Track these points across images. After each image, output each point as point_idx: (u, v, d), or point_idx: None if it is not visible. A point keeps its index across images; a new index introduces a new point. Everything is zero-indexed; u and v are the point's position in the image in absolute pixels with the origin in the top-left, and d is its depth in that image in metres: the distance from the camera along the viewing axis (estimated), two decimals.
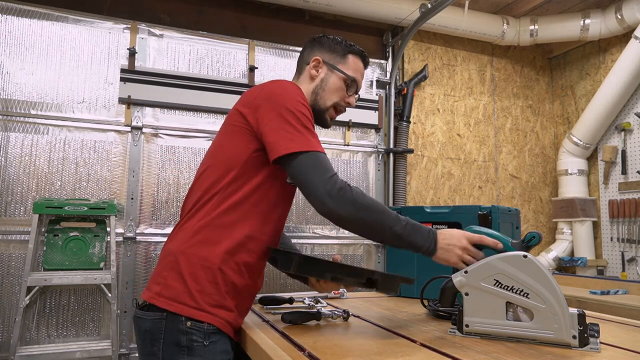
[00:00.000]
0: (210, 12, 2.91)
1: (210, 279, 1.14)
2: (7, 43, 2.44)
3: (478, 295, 1.04)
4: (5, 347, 2.24)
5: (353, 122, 3.11)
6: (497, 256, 1.04)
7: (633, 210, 3.17)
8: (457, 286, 1.07)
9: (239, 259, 1.17)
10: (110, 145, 2.57)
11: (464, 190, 3.51)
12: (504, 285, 1.02)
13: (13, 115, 2.41)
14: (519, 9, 3.40)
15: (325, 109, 1.33)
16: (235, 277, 1.17)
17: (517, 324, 1.01)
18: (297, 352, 0.95)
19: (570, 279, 2.91)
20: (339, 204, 1.07)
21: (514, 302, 1.02)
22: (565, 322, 0.96)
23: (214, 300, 1.14)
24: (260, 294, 1.57)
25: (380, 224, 1.10)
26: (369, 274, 1.08)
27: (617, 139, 3.33)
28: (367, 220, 1.09)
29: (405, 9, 3.07)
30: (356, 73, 1.35)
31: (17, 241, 2.36)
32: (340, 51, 1.34)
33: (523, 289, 1.00)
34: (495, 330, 1.02)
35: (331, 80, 1.32)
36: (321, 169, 1.10)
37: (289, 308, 1.49)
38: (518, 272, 1.01)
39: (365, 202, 1.09)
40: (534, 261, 1.01)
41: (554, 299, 0.97)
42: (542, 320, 0.98)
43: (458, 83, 3.58)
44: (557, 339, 0.97)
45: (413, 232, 1.11)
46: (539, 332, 0.98)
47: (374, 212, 1.09)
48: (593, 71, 3.57)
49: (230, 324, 1.17)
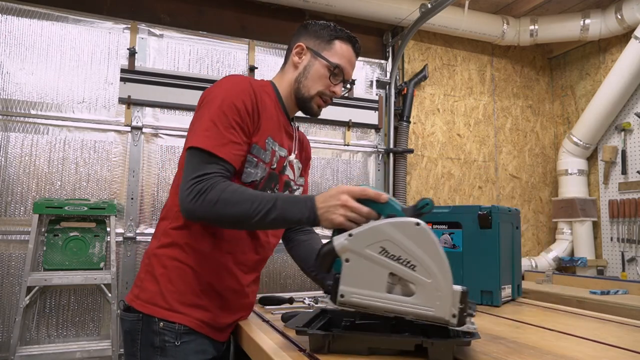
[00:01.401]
0: (210, 12, 2.91)
1: (183, 278, 1.14)
2: (7, 43, 2.44)
3: (360, 262, 0.92)
4: (5, 347, 2.24)
5: (353, 122, 3.11)
6: (387, 220, 0.93)
7: (633, 210, 3.16)
8: (337, 250, 0.93)
9: (212, 258, 1.16)
10: (110, 145, 2.57)
11: (464, 190, 3.51)
12: (391, 254, 0.90)
13: (13, 115, 2.41)
14: (519, 9, 3.40)
15: (309, 97, 1.24)
16: (211, 276, 1.16)
17: (397, 298, 0.91)
18: (297, 352, 0.95)
19: (570, 279, 2.90)
20: (194, 206, 1.02)
21: (399, 274, 0.91)
22: (448, 300, 0.88)
23: (188, 300, 1.14)
24: (260, 294, 1.57)
25: (246, 215, 1.00)
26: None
27: (617, 139, 3.33)
28: (229, 215, 1.01)
29: (405, 9, 3.07)
30: (342, 59, 1.24)
31: (17, 241, 2.36)
32: (326, 36, 1.25)
33: (410, 260, 0.90)
34: (372, 304, 0.91)
35: (314, 68, 1.24)
36: (190, 169, 1.05)
37: (289, 308, 1.49)
38: (408, 241, 0.90)
39: (224, 199, 1.01)
40: (426, 230, 0.90)
41: (440, 273, 0.89)
42: (425, 296, 0.89)
43: (458, 83, 3.58)
44: (437, 317, 0.89)
45: (288, 208, 1.01)
46: (420, 309, 0.89)
47: (236, 205, 1.00)
48: (593, 71, 3.57)
49: (206, 323, 1.16)
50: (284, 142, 1.25)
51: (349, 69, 1.27)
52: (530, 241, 3.70)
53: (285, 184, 1.26)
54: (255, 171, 1.15)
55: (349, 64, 1.26)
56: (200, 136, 1.07)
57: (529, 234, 3.71)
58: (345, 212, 0.98)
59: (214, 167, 1.05)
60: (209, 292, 1.17)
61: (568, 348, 1.00)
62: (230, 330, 1.26)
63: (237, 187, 1.04)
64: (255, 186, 1.16)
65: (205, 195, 1.01)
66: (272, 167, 1.20)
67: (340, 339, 0.91)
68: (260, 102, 1.16)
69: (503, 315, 1.37)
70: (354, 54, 1.27)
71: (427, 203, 0.95)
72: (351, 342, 0.91)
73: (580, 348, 1.01)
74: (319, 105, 1.27)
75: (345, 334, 0.92)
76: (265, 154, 1.17)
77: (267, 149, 1.17)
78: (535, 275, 3.07)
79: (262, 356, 1.00)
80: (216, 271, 1.17)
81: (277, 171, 1.22)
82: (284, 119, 1.26)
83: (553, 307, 1.56)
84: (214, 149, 1.05)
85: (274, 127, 1.21)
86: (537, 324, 1.26)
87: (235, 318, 1.26)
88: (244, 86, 1.14)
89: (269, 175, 1.19)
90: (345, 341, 0.91)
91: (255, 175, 1.15)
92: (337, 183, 3.09)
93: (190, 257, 1.15)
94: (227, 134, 1.07)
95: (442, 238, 1.61)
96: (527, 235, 3.70)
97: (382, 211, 0.98)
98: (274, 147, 1.20)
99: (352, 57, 1.27)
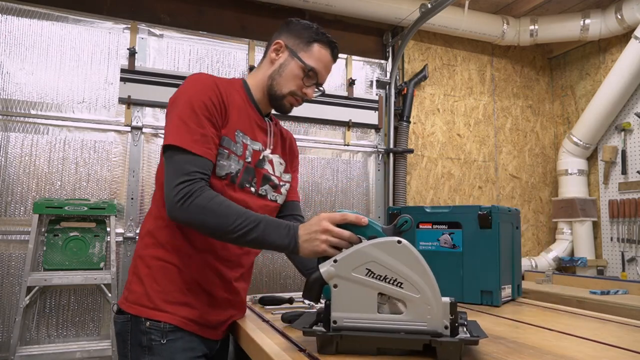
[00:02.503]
0: (210, 12, 2.91)
1: (168, 277, 1.16)
2: (7, 43, 2.44)
3: (348, 287, 0.93)
4: (5, 347, 2.24)
5: (353, 122, 3.11)
6: (369, 242, 0.94)
7: (633, 210, 3.17)
8: (324, 277, 0.94)
9: (194, 255, 1.17)
10: (110, 145, 2.57)
11: (464, 190, 3.51)
12: (377, 274, 0.92)
13: (13, 115, 2.41)
14: (519, 9, 3.40)
15: (281, 95, 1.24)
16: (195, 273, 1.17)
17: (389, 317, 0.92)
18: (297, 352, 0.95)
19: (570, 279, 2.90)
20: (181, 211, 1.03)
21: (387, 293, 0.92)
22: (439, 312, 0.90)
23: (174, 298, 1.15)
24: (260, 294, 1.57)
25: (227, 229, 1.03)
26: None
27: (617, 139, 3.33)
28: (212, 225, 1.03)
29: (405, 9, 3.07)
30: (318, 63, 1.23)
31: (17, 241, 2.36)
32: (306, 38, 1.24)
33: (397, 278, 0.92)
34: (366, 326, 0.92)
35: (289, 67, 1.23)
36: (173, 173, 1.06)
37: (289, 308, 1.49)
38: (392, 259, 0.92)
39: (211, 208, 1.03)
40: (408, 247, 0.92)
41: (428, 287, 0.91)
42: (415, 311, 0.91)
43: (458, 83, 3.58)
44: (430, 330, 0.90)
45: (269, 231, 1.03)
46: (412, 324, 0.91)
47: (220, 217, 1.03)
48: (593, 71, 3.57)
49: (194, 321, 1.17)
50: (256, 136, 1.25)
51: (324, 74, 1.27)
52: (530, 241, 3.70)
53: (264, 178, 1.26)
54: (228, 163, 1.16)
55: (324, 68, 1.26)
56: (173, 134, 1.09)
57: (529, 234, 3.71)
58: (327, 237, 0.99)
59: (195, 166, 1.07)
60: (195, 289, 1.18)
61: (568, 348, 1.00)
62: (223, 328, 1.26)
63: (223, 199, 1.06)
64: (232, 179, 1.17)
65: (192, 200, 1.03)
66: (247, 161, 1.21)
67: (348, 339, 0.91)
68: (227, 96, 1.17)
69: (503, 315, 1.37)
70: (331, 59, 1.27)
71: (406, 221, 0.97)
72: (359, 342, 0.91)
73: (580, 348, 1.01)
74: (292, 103, 1.27)
75: (354, 334, 0.92)
76: (236, 147, 1.18)
77: (237, 142, 1.18)
78: (535, 275, 3.07)
79: (262, 356, 1.00)
80: (200, 268, 1.18)
81: (252, 165, 1.22)
82: (254, 114, 1.26)
83: (553, 307, 1.56)
84: (189, 146, 1.07)
85: (244, 121, 1.22)
86: (537, 324, 1.26)
87: (227, 315, 1.25)
88: (207, 82, 1.16)
89: (245, 169, 1.20)
90: (354, 341, 0.92)
91: (228, 167, 1.16)
92: (337, 183, 3.09)
93: (173, 256, 1.17)
94: (198, 129, 1.09)
95: (442, 238, 1.62)
96: (527, 235, 3.70)
97: (364, 233, 1.00)
98: (244, 141, 1.20)
99: (329, 63, 1.27)
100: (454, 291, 1.52)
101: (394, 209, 1.78)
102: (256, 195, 1.23)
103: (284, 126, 3.13)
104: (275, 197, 1.30)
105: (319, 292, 0.96)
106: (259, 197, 1.24)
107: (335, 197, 3.07)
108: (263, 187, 1.25)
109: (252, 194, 1.22)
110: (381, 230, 0.99)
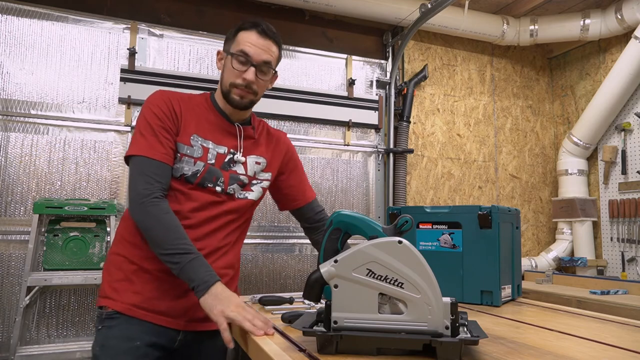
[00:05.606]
0: (210, 12, 2.91)
1: (117, 266, 1.26)
2: (7, 43, 2.44)
3: (348, 287, 0.94)
4: (5, 347, 2.24)
5: (353, 122, 3.11)
6: (370, 242, 0.95)
7: (633, 210, 3.17)
8: (325, 277, 0.95)
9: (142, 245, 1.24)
10: (110, 145, 2.57)
11: (464, 190, 3.51)
12: (377, 274, 0.93)
13: (13, 115, 2.41)
14: (519, 9, 3.40)
15: (226, 91, 1.33)
16: (142, 261, 1.24)
17: (389, 318, 0.93)
18: (297, 352, 0.95)
19: (570, 279, 2.91)
20: (139, 210, 1.18)
21: (388, 293, 0.93)
22: (439, 312, 0.90)
23: (120, 286, 1.24)
24: (260, 294, 1.57)
25: (163, 245, 1.14)
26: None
27: (617, 139, 3.33)
28: (154, 234, 1.16)
29: (405, 9, 3.07)
30: (244, 45, 1.29)
31: (17, 241, 2.36)
32: (232, 34, 1.34)
33: (397, 279, 0.92)
34: (366, 326, 0.93)
35: (227, 65, 1.33)
36: (137, 175, 1.21)
37: (289, 308, 1.49)
38: (392, 259, 0.92)
39: (164, 220, 1.16)
40: (409, 247, 0.93)
41: (428, 287, 0.91)
42: (416, 312, 0.91)
43: (458, 83, 3.58)
44: (430, 330, 0.90)
45: (190, 269, 1.12)
46: (412, 325, 0.91)
47: (163, 232, 1.15)
48: (593, 71, 3.57)
49: (138, 306, 1.21)
50: (221, 140, 1.34)
51: (255, 50, 1.29)
52: (530, 241, 3.70)
53: (232, 178, 1.33)
54: (181, 166, 1.27)
55: (253, 46, 1.29)
56: (134, 146, 1.24)
57: (529, 234, 3.71)
58: (236, 310, 1.08)
59: (153, 170, 1.21)
60: (142, 276, 1.24)
61: (568, 348, 1.00)
62: (186, 318, 1.26)
63: (176, 219, 1.19)
64: (187, 179, 1.27)
65: (150, 206, 1.17)
66: (210, 162, 1.30)
67: (348, 339, 0.92)
68: (179, 107, 1.30)
69: (503, 315, 1.37)
70: (258, 35, 1.30)
71: (407, 221, 0.98)
72: (359, 343, 0.92)
73: (580, 348, 1.01)
74: (241, 96, 1.32)
75: (354, 334, 0.92)
76: (192, 150, 1.28)
77: (193, 145, 1.29)
78: (535, 275, 3.07)
79: (262, 356, 1.00)
80: (146, 256, 1.24)
81: (217, 166, 1.31)
82: (220, 121, 1.36)
83: (553, 307, 1.56)
84: (147, 153, 1.21)
85: (204, 127, 1.32)
86: (537, 324, 1.26)
87: (186, 305, 1.26)
88: (159, 96, 1.30)
89: (206, 170, 1.29)
90: (354, 341, 0.92)
91: (181, 169, 1.27)
92: (337, 183, 3.09)
93: (124, 248, 1.28)
94: (153, 138, 1.23)
95: (442, 238, 1.61)
96: (527, 235, 3.70)
97: (365, 234, 1.01)
98: (205, 144, 1.30)
99: (257, 39, 1.30)
100: (453, 291, 1.52)
101: (394, 209, 1.78)
102: (223, 193, 1.32)
103: (284, 126, 3.14)
104: (245, 195, 1.37)
105: (319, 292, 0.97)
106: (227, 195, 1.33)
107: (335, 197, 3.07)
108: (231, 186, 1.33)
109: (218, 193, 1.31)
110: (381, 230, 0.99)
